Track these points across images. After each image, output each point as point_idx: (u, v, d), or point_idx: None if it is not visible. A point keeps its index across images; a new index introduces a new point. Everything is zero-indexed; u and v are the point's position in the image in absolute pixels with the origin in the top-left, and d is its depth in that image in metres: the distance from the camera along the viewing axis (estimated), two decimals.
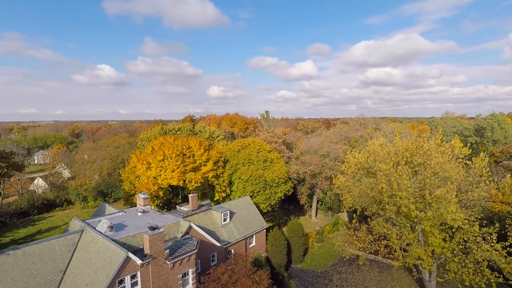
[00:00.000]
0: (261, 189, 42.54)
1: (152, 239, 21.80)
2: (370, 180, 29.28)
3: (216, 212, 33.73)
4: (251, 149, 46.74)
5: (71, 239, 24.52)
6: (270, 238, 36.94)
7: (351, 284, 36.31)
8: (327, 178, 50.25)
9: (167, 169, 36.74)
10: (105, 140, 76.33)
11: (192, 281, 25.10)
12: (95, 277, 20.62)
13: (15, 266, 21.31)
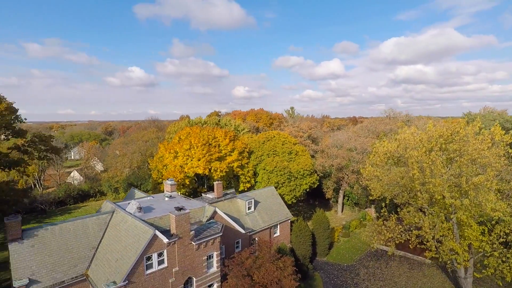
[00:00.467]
0: (285, 180, 42.17)
1: (178, 219, 22.23)
2: (400, 169, 28.03)
3: (240, 200, 33.85)
4: (276, 141, 46.49)
5: (103, 219, 25.64)
6: (295, 229, 36.49)
7: (379, 279, 34.99)
8: (354, 172, 48.83)
9: (193, 157, 37.42)
10: (135, 135, 79.35)
11: (217, 264, 25.32)
12: (125, 253, 21.37)
13: (52, 240, 22.60)
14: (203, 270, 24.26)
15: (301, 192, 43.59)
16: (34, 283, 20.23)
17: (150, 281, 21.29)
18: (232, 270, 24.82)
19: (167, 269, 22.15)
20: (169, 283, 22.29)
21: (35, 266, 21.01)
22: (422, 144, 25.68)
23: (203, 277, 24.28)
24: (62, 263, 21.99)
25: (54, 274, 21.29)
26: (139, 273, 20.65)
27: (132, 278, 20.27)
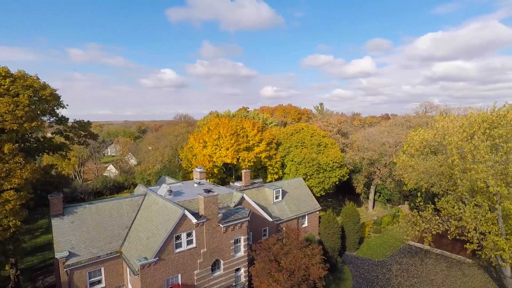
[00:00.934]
0: (314, 172, 41.41)
1: (206, 201, 22.54)
2: (438, 158, 26.40)
3: (268, 189, 33.71)
4: (305, 133, 45.79)
5: (135, 201, 26.67)
6: (324, 221, 35.66)
7: (413, 275, 33.21)
8: (387, 166, 46.85)
9: (222, 147, 37.86)
10: (166, 130, 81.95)
11: (244, 248, 25.37)
12: (156, 231, 22.04)
13: (90, 218, 23.87)
14: (230, 254, 24.42)
15: (330, 185, 42.56)
16: (73, 256, 21.46)
17: (179, 259, 21.77)
18: (259, 255, 24.74)
19: (196, 249, 22.54)
20: (197, 263, 22.66)
21: (74, 240, 22.29)
22: (463, 129, 23.97)
23: (230, 260, 24.44)
24: (98, 240, 23.14)
25: (91, 249, 22.46)
26: (168, 251, 21.19)
27: (162, 255, 20.84)
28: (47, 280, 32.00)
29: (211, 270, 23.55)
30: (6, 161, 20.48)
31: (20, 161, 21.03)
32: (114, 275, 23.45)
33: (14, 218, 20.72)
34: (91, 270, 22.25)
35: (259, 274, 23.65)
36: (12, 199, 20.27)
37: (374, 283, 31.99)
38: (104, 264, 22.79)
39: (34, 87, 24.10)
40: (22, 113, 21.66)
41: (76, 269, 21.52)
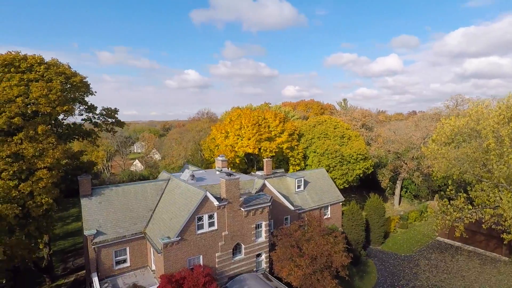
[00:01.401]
0: (337, 164, 40.51)
1: (228, 184, 22.61)
2: (471, 144, 24.90)
3: (290, 178, 33.33)
4: (328, 125, 44.93)
5: (159, 185, 27.27)
6: (347, 213, 34.77)
7: (443, 271, 31.60)
8: (414, 159, 44.97)
9: (244, 137, 37.93)
10: (189, 125, 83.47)
11: (265, 234, 25.19)
12: (178, 213, 22.37)
13: (116, 200, 24.66)
14: (251, 238, 24.34)
15: (354, 177, 41.45)
16: (100, 234, 22.24)
17: (201, 241, 21.98)
18: (280, 240, 24.51)
19: (217, 231, 22.65)
20: (219, 245, 22.77)
21: (102, 220, 23.10)
22: (499, 112, 22.45)
23: (251, 245, 24.36)
24: (124, 220, 23.85)
25: (117, 229, 23.18)
26: (190, 232, 21.44)
27: (184, 235, 21.12)
28: (77, 262, 33.51)
29: (232, 254, 23.58)
30: (39, 141, 21.58)
31: (53, 142, 22.09)
32: (139, 256, 24.07)
33: (47, 195, 21.79)
34: (117, 249, 22.96)
35: (280, 259, 23.42)
36: (45, 177, 21.32)
37: (400, 277, 30.76)
38: (129, 244, 23.44)
39: (66, 74, 25.25)
40: (55, 97, 22.74)
41: (103, 247, 22.28)
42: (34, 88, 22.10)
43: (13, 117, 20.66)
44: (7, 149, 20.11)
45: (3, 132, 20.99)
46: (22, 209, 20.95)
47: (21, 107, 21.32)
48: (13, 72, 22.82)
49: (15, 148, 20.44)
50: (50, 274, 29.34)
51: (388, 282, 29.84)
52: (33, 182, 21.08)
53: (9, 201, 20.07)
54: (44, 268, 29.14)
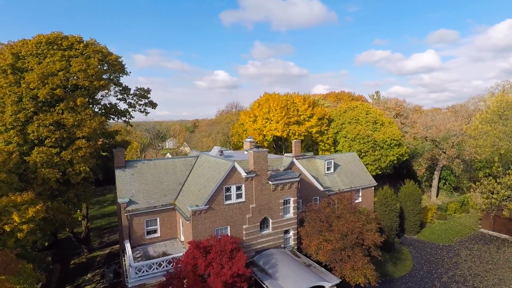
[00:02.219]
0: (369, 149, 38.92)
1: (256, 156, 22.44)
2: None
3: (319, 160, 32.53)
4: (359, 111, 43.34)
5: (189, 161, 27.77)
6: (380, 197, 33.26)
7: (487, 262, 29.14)
8: (454, 146, 42.06)
9: (272, 120, 37.63)
10: (218, 117, 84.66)
11: (293, 210, 24.70)
12: (207, 184, 22.57)
13: (148, 172, 25.45)
14: (279, 214, 23.97)
15: (387, 164, 39.59)
16: (132, 203, 23.03)
17: (229, 212, 22.00)
18: (309, 215, 23.93)
19: (245, 204, 22.56)
20: (246, 218, 22.66)
21: (134, 190, 23.92)
22: None
23: (279, 220, 23.99)
24: (154, 192, 24.53)
25: (148, 199, 23.89)
26: (218, 202, 21.54)
27: (212, 205, 21.25)
28: (112, 238, 35.14)
29: (259, 228, 23.38)
30: (78, 112, 22.79)
31: (90, 113, 23.25)
32: (168, 227, 24.64)
33: (85, 164, 22.98)
34: (148, 218, 23.65)
35: (309, 234, 22.84)
36: (83, 146, 22.49)
37: (439, 265, 28.82)
38: (159, 215, 24.07)
39: (102, 52, 26.49)
40: (93, 72, 23.91)
41: (135, 216, 23.07)
42: (74, 63, 23.38)
43: (55, 88, 21.97)
44: (50, 117, 21.44)
45: (46, 103, 22.42)
46: (62, 176, 22.25)
47: (62, 80, 22.64)
48: (55, 49, 24.29)
49: (57, 117, 21.74)
50: (87, 245, 30.99)
51: (425, 269, 28.08)
52: (72, 151, 22.31)
53: (51, 166, 21.38)
54: (82, 240, 30.82)
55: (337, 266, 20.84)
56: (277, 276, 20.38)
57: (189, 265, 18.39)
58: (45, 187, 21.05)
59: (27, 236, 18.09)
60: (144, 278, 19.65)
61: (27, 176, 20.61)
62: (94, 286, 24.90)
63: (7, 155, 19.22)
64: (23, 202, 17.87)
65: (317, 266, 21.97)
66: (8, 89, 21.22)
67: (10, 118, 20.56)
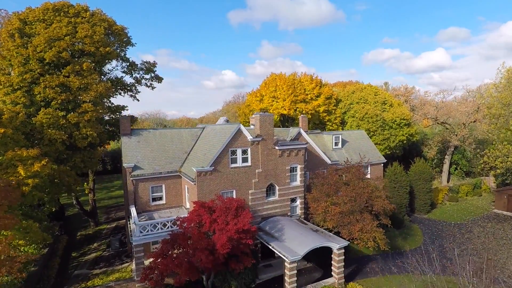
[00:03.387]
0: (378, 128, 38.19)
1: (262, 119, 22.08)
2: None
3: (327, 135, 32.01)
4: (367, 92, 42.62)
5: (195, 132, 27.60)
6: (389, 173, 32.55)
7: (501, 238, 28.21)
8: (466, 125, 40.98)
9: (279, 98, 37.21)
10: (225, 107, 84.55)
11: (300, 178, 24.23)
12: (212, 148, 22.28)
13: (153, 141, 25.33)
14: (285, 181, 23.55)
15: (396, 143, 38.78)
16: (138, 168, 22.91)
17: (234, 175, 21.69)
18: (316, 181, 23.48)
19: (251, 168, 22.22)
20: (252, 183, 22.31)
21: (140, 157, 23.81)
22: None
23: (285, 187, 23.56)
24: (160, 159, 24.38)
25: (154, 166, 23.74)
26: (224, 164, 21.25)
27: (217, 167, 20.98)
28: (118, 214, 35.20)
29: (266, 194, 23.00)
30: (84, 77, 22.77)
31: (96, 78, 23.23)
32: (174, 195, 24.45)
33: (91, 129, 22.94)
34: (154, 184, 23.50)
35: (316, 199, 22.40)
36: (90, 110, 22.46)
37: (450, 240, 27.98)
38: (165, 181, 23.89)
39: (108, 22, 26.47)
40: (98, 38, 23.91)
41: (141, 181, 22.93)
42: (80, 29, 23.40)
43: (61, 52, 21.99)
44: (56, 79, 21.47)
45: (53, 65, 22.47)
46: (69, 138, 22.25)
47: (69, 44, 22.66)
48: (62, 16, 24.35)
49: (63, 80, 21.75)
50: (94, 219, 31.06)
51: (437, 244, 27.30)
52: (79, 114, 22.31)
53: (57, 128, 21.40)
54: (89, 213, 30.90)
55: (345, 229, 20.34)
56: (283, 239, 19.98)
57: (194, 222, 18.13)
58: (51, 148, 21.07)
59: (32, 192, 18.09)
60: (148, 237, 19.47)
61: (33, 136, 20.66)
62: (100, 254, 24.88)
63: (13, 114, 19.27)
64: (29, 157, 17.86)
65: (325, 231, 21.47)
66: (15, 51, 21.33)
67: (17, 79, 20.65)
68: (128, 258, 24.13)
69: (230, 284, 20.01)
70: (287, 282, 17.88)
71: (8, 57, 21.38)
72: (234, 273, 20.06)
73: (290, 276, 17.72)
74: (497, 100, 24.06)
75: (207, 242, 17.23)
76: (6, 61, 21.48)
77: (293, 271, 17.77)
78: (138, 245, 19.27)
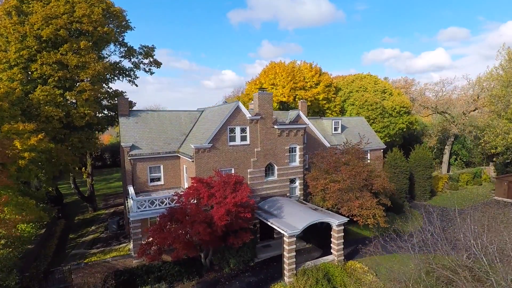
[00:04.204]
0: (377, 116, 38.04)
1: (261, 98, 21.92)
2: None
3: (326, 120, 31.88)
4: (367, 81, 42.49)
5: (193, 114, 27.44)
6: (389, 159, 32.37)
7: (502, 221, 27.88)
8: (466, 114, 40.85)
9: (278, 85, 37.05)
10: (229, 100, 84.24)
11: (299, 159, 24.05)
12: (210, 127, 22.06)
13: (152, 122, 25.17)
14: (285, 161, 23.38)
15: (396, 131, 38.63)
16: (136, 148, 22.75)
17: (233, 153, 21.52)
18: (315, 159, 23.34)
19: (249, 147, 22.05)
20: (251, 162, 22.15)
21: (138, 137, 23.65)
22: None
23: (284, 167, 23.38)
24: (158, 140, 24.22)
25: (152, 146, 23.58)
26: (222, 142, 21.09)
27: (216, 144, 20.82)
28: (117, 201, 35.03)
29: (264, 173, 22.83)
30: (82, 55, 22.59)
31: (94, 57, 23.05)
32: (172, 176, 24.28)
33: (89, 108, 22.77)
34: (152, 165, 23.34)
35: (315, 177, 22.25)
36: (87, 89, 22.30)
37: (451, 224, 27.77)
38: (163, 162, 23.73)
39: (107, 3, 26.30)
40: (96, 18, 23.74)
41: (139, 161, 22.77)
42: (78, 8, 23.24)
43: (58, 29, 21.83)
44: (53, 56, 21.29)
45: (50, 43, 22.30)
46: (66, 117, 22.08)
47: (66, 22, 22.49)
48: None
49: (60, 57, 21.57)
50: (92, 204, 30.88)
51: (437, 226, 27.07)
52: (77, 93, 22.14)
53: (54, 105, 21.23)
54: (87, 198, 30.73)
55: (345, 206, 20.17)
56: (282, 215, 19.81)
57: (192, 196, 17.97)
58: (48, 125, 20.89)
59: (29, 166, 17.93)
60: (146, 213, 19.30)
61: (30, 113, 20.49)
62: (97, 235, 24.70)
63: (10, 89, 19.10)
64: (25, 131, 17.70)
65: (324, 209, 21.31)
66: (12, 28, 21.15)
67: (14, 55, 20.50)
68: (125, 239, 23.97)
69: (229, 261, 19.85)
70: (285, 257, 17.71)
71: (5, 34, 21.23)
72: (232, 251, 19.91)
73: (289, 250, 17.54)
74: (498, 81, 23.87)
75: (205, 215, 17.06)
76: (3, 38, 21.32)
77: (292, 245, 17.58)
78: (135, 221, 19.11)
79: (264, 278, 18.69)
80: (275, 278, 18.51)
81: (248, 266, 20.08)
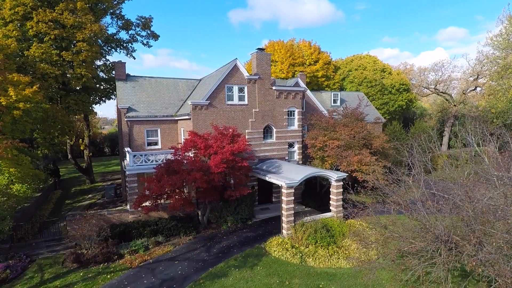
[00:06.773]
0: (377, 93, 37.85)
1: (259, 57, 21.74)
2: None
3: (325, 93, 31.69)
4: (366, 60, 42.28)
5: (191, 83, 27.25)
6: (388, 132, 32.19)
7: None
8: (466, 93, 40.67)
9: (277, 61, 36.85)
10: None
11: (298, 122, 23.86)
12: (209, 87, 21.85)
13: (149, 87, 24.96)
14: (283, 123, 23.17)
15: (396, 108, 38.44)
16: (133, 110, 22.53)
17: (231, 112, 21.31)
18: (314, 119, 23.15)
19: (247, 107, 21.85)
20: (249, 122, 21.94)
21: (135, 100, 23.43)
22: None
23: (283, 130, 23.17)
24: (155, 104, 24.01)
25: (149, 110, 23.36)
26: (220, 100, 20.88)
27: (213, 102, 20.62)
28: (114, 177, 34.77)
29: (263, 135, 22.61)
30: (79, 16, 22.37)
31: (90, 19, 22.80)
32: (169, 140, 24.01)
33: (86, 70, 22.55)
34: (149, 128, 23.09)
35: (313, 137, 22.04)
36: (84, 49, 22.08)
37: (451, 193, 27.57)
38: (160, 126, 23.49)
39: None
40: None
41: (136, 123, 22.54)
42: None
43: None
44: (49, 14, 21.05)
45: (45, 1, 22.07)
46: (62, 76, 21.84)
47: None
48: None
49: (56, 15, 21.34)
50: (89, 176, 30.62)
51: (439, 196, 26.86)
52: (73, 53, 21.90)
53: (50, 64, 21.00)
54: (84, 170, 30.47)
55: (344, 162, 19.95)
56: (280, 172, 19.61)
57: (189, 146, 17.75)
58: (44, 83, 20.66)
59: (24, 118, 17.71)
60: (142, 167, 19.06)
61: (25, 69, 20.26)
62: (94, 201, 24.43)
63: (5, 44, 18.88)
64: (20, 82, 17.47)
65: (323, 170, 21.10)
66: None
67: (9, 12, 20.24)
68: (123, 203, 23.71)
69: (227, 219, 19.63)
70: (284, 209, 17.46)
71: None
72: (230, 209, 19.71)
73: (287, 202, 17.28)
74: (500, 48, 23.66)
75: (202, 165, 16.84)
76: None
77: (290, 196, 17.33)
78: (131, 175, 18.87)
79: (262, 234, 18.46)
80: (274, 233, 18.28)
81: (246, 224, 19.86)
